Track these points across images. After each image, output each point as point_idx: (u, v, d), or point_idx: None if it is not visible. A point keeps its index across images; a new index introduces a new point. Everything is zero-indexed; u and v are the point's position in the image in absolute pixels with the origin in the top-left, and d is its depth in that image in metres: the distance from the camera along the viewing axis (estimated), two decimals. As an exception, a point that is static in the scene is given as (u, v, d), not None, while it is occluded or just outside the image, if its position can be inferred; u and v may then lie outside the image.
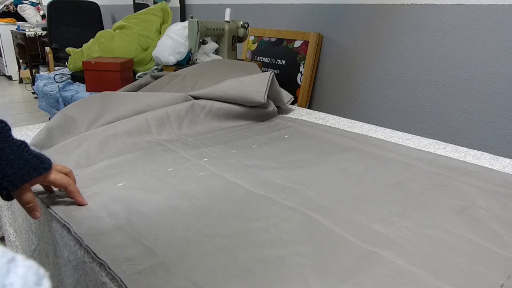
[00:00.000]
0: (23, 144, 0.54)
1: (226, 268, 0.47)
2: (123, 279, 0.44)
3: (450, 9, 1.35)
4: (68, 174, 0.62)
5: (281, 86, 1.28)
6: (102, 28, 3.45)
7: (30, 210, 0.56)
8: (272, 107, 1.15)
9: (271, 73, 1.11)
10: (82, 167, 0.76)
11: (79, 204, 0.61)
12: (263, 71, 1.33)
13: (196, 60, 1.67)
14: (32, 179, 0.55)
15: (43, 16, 4.80)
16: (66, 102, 1.51)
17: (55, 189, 0.65)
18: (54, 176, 0.58)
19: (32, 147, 0.56)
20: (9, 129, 0.54)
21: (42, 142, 0.84)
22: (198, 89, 1.12)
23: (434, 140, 0.98)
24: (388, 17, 1.53)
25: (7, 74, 5.00)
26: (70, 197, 0.62)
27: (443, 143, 0.97)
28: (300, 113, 1.24)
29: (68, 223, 0.55)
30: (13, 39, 4.80)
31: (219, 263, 0.48)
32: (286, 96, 1.47)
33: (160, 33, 1.87)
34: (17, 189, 0.54)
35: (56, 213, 0.59)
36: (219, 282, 0.44)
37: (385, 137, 1.00)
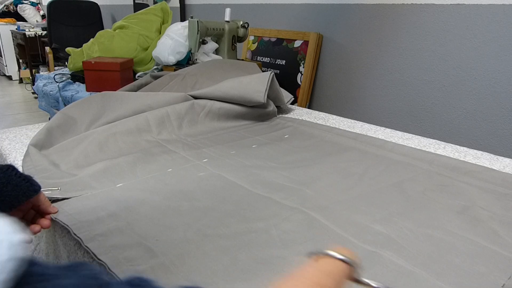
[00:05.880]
0: (10, 168, 0.52)
1: (227, 269, 0.47)
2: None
3: (450, 9, 1.35)
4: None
5: (281, 86, 1.28)
6: (102, 28, 3.45)
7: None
8: (272, 107, 1.15)
9: (271, 73, 1.11)
10: (82, 166, 0.75)
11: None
12: (263, 71, 1.33)
13: (196, 60, 1.67)
14: (22, 203, 0.53)
15: (43, 16, 4.79)
16: (66, 102, 1.51)
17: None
18: (43, 197, 0.56)
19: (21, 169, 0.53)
20: None
21: (42, 142, 0.84)
22: (198, 89, 1.11)
23: (434, 140, 0.98)
24: (388, 17, 1.53)
25: (7, 74, 4.99)
26: (67, 198, 0.62)
27: (443, 143, 0.97)
28: (300, 113, 1.24)
29: (67, 225, 0.55)
30: (13, 39, 4.79)
31: (220, 264, 0.47)
32: (286, 96, 1.47)
33: (160, 33, 1.87)
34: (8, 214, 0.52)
35: (55, 216, 0.58)
36: (219, 283, 0.44)
37: (385, 137, 1.00)
